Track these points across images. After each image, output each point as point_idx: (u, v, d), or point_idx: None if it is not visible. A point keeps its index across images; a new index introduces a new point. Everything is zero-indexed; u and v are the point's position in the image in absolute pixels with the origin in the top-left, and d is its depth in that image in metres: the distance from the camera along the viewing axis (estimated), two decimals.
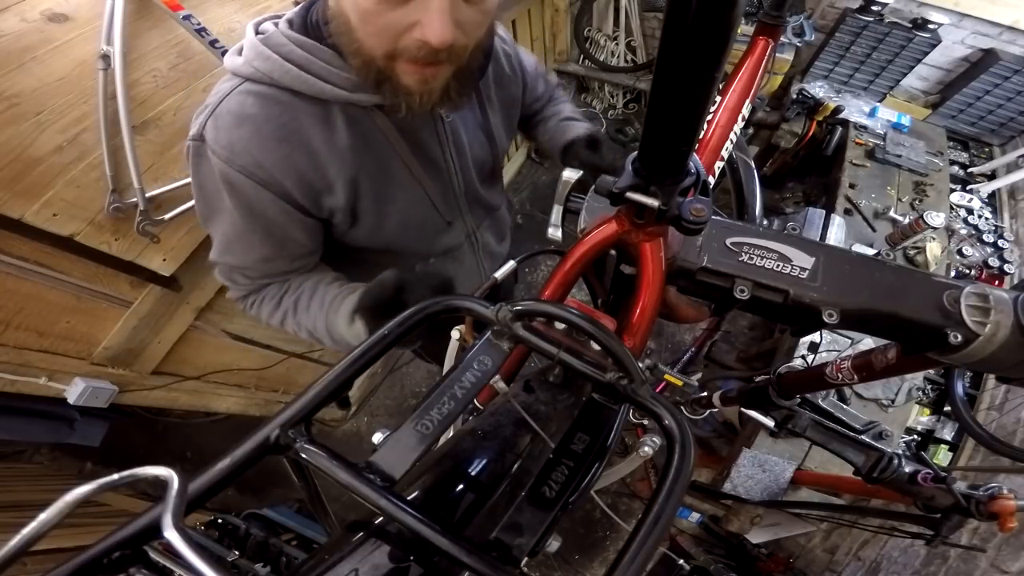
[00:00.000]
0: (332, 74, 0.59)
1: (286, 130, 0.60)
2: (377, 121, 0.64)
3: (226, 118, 0.58)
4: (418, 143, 0.70)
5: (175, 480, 0.23)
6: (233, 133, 0.58)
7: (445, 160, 0.74)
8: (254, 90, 0.59)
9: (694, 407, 1.30)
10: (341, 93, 0.60)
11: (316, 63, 0.58)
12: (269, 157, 0.60)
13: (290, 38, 0.58)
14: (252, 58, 0.58)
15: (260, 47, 0.58)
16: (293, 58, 0.58)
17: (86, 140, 0.94)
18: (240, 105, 0.58)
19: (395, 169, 0.70)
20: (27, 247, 0.93)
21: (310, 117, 0.61)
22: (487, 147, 0.81)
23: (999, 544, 1.13)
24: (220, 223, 0.66)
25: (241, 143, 0.58)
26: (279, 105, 0.59)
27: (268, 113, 0.59)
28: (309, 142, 0.61)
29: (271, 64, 0.58)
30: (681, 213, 0.35)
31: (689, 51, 0.24)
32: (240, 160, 0.59)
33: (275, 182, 0.61)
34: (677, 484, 0.29)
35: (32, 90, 0.85)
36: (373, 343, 0.35)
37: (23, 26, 0.82)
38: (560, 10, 2.53)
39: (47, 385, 1.10)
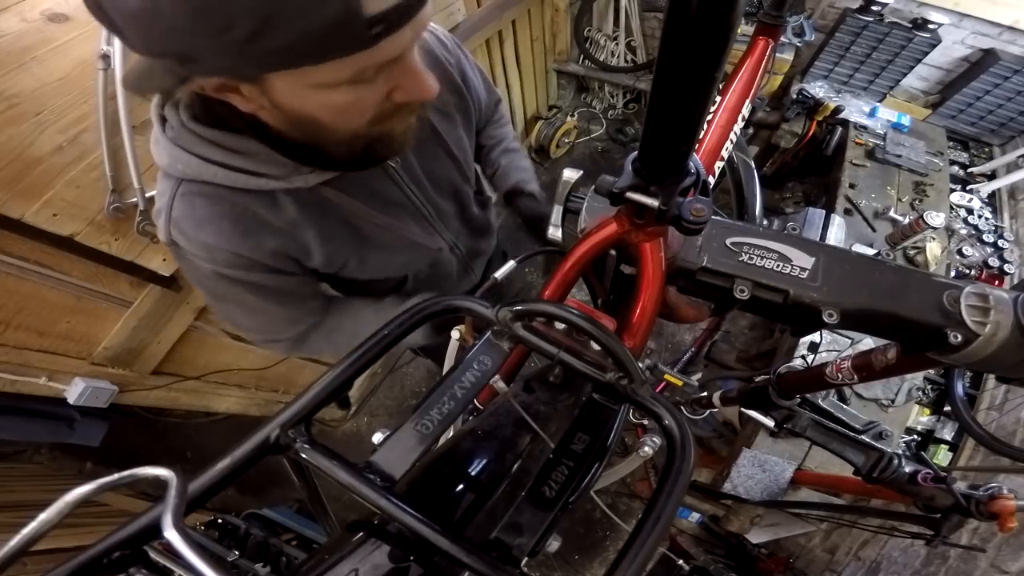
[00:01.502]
0: (259, 167, 0.55)
1: (245, 222, 0.58)
2: (325, 195, 0.62)
3: (185, 224, 0.56)
4: (374, 197, 0.68)
5: (175, 480, 0.23)
6: (199, 236, 0.57)
7: (408, 199, 0.72)
8: (194, 190, 0.56)
9: (694, 407, 1.30)
10: (276, 184, 0.56)
11: (237, 159, 0.54)
12: (243, 247, 0.59)
13: (200, 136, 0.53)
14: (173, 160, 0.54)
15: (173, 148, 0.54)
16: (211, 158, 0.54)
17: (86, 140, 0.94)
18: (190, 208, 0.56)
19: (361, 227, 0.69)
20: (27, 247, 0.93)
21: (259, 205, 0.58)
22: (449, 163, 0.78)
23: (999, 544, 1.13)
24: (236, 306, 0.68)
25: (212, 242, 0.57)
26: (225, 201, 0.56)
27: (220, 211, 0.56)
28: (270, 225, 0.60)
29: (193, 168, 0.54)
30: (681, 213, 0.35)
31: (689, 51, 0.24)
32: (220, 256, 0.59)
33: (259, 263, 0.62)
34: (677, 484, 0.29)
35: (32, 90, 0.85)
36: (373, 343, 0.35)
37: (23, 26, 0.83)
38: (560, 10, 2.53)
39: (47, 385, 1.10)
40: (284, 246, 0.62)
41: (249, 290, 0.64)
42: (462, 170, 0.81)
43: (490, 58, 2.20)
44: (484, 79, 0.87)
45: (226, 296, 0.66)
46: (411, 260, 0.81)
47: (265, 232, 0.60)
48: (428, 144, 0.74)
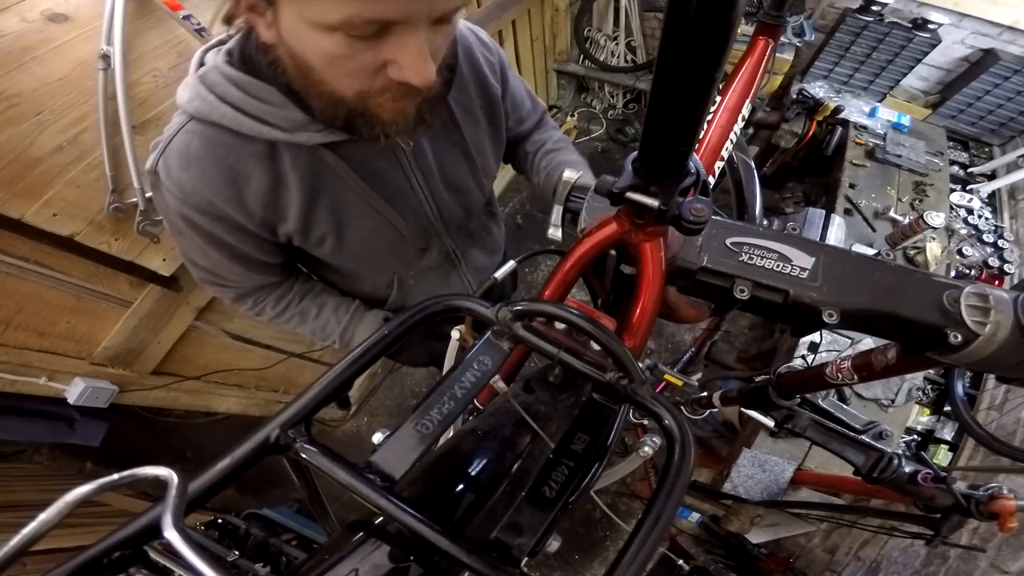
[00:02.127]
0: (270, 115, 0.57)
1: (232, 172, 0.59)
2: (324, 158, 0.62)
3: (175, 158, 0.58)
4: (375, 173, 0.67)
5: (175, 480, 0.23)
6: (182, 174, 0.58)
7: (412, 187, 0.71)
8: (198, 130, 0.58)
9: (694, 407, 1.30)
10: (280, 135, 0.58)
11: (252, 104, 0.56)
12: (219, 196, 0.60)
13: (226, 76, 0.56)
14: (192, 97, 0.57)
15: (198, 86, 0.57)
16: (229, 99, 0.56)
17: (86, 140, 0.94)
18: (186, 145, 0.58)
19: (350, 202, 0.68)
20: (27, 247, 0.93)
21: (254, 157, 0.59)
22: (463, 166, 0.76)
23: (999, 544, 1.13)
24: (188, 244, 0.68)
25: (190, 184, 0.58)
26: (223, 147, 0.58)
27: (213, 155, 0.58)
28: (256, 181, 0.61)
29: (208, 105, 0.56)
30: (681, 213, 0.35)
31: (689, 51, 0.24)
32: (192, 199, 0.60)
33: (228, 216, 0.62)
34: (677, 484, 0.29)
35: (32, 90, 0.85)
36: (373, 343, 0.35)
37: (23, 26, 0.83)
38: (560, 10, 2.54)
39: (47, 385, 1.10)
40: (260, 207, 0.62)
41: (206, 240, 0.65)
42: (477, 175, 0.78)
43: None
44: (528, 91, 0.87)
45: (183, 232, 0.66)
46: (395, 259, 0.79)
47: (247, 188, 0.61)
48: (446, 138, 0.72)
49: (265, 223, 0.65)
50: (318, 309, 0.83)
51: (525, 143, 0.93)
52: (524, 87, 0.86)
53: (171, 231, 0.68)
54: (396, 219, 0.71)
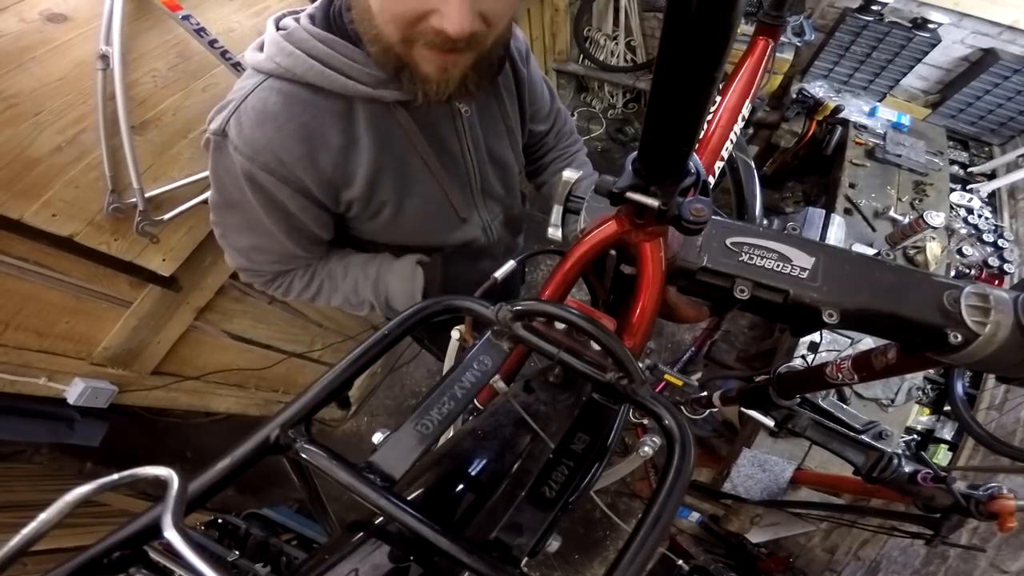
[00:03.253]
0: (354, 70, 0.59)
1: (307, 129, 0.60)
2: (398, 117, 0.64)
3: (250, 115, 0.58)
4: (437, 138, 0.69)
5: (175, 480, 0.23)
6: (256, 131, 0.59)
7: (463, 154, 0.73)
8: (277, 87, 0.59)
9: (694, 407, 1.30)
10: (363, 89, 0.59)
11: (338, 58, 0.58)
12: (290, 155, 0.60)
13: (312, 34, 0.58)
14: (274, 54, 0.58)
15: (282, 43, 0.58)
16: (315, 53, 0.58)
17: (85, 140, 0.94)
18: (263, 102, 0.58)
19: (414, 165, 0.70)
20: (26, 247, 0.93)
21: (331, 115, 0.61)
22: (506, 141, 0.79)
23: (999, 544, 1.13)
24: (237, 214, 0.68)
25: (263, 141, 0.59)
26: (301, 103, 0.59)
27: (291, 111, 0.59)
28: (330, 140, 0.62)
29: (293, 60, 0.57)
30: (681, 213, 0.35)
31: (689, 51, 0.23)
32: (262, 157, 0.60)
33: (295, 178, 0.62)
34: (677, 484, 0.29)
35: (31, 90, 0.85)
36: (373, 343, 0.35)
37: (22, 26, 0.82)
38: (560, 10, 2.53)
39: (47, 385, 1.10)
40: (331, 169, 0.63)
41: (264, 204, 0.64)
42: (516, 151, 0.81)
43: None
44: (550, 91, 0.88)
45: (239, 204, 0.65)
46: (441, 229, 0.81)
47: (322, 147, 0.62)
48: (492, 111, 0.75)
49: (331, 187, 0.65)
50: (344, 269, 0.81)
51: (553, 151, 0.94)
52: (547, 86, 0.86)
53: (220, 205, 0.68)
54: (448, 185, 0.73)
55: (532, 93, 0.82)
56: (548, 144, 0.94)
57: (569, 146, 0.96)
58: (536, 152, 0.95)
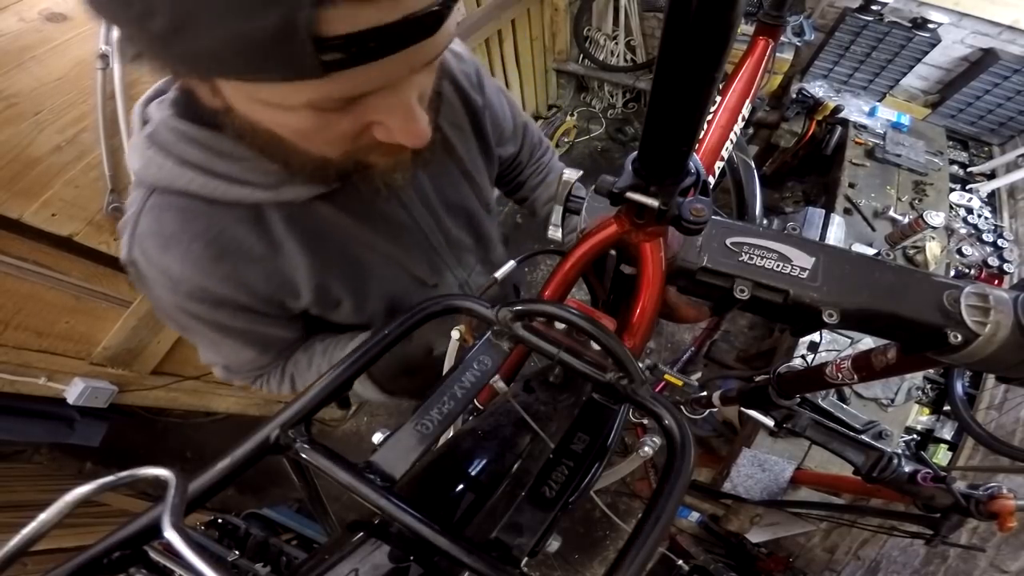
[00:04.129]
0: (244, 172, 0.47)
1: (218, 245, 0.49)
2: (320, 212, 0.53)
3: (149, 242, 0.49)
4: (377, 217, 0.59)
5: (175, 480, 0.23)
6: (164, 259, 0.49)
7: (415, 221, 0.63)
8: (164, 202, 0.48)
9: (694, 407, 1.30)
10: (263, 195, 0.48)
11: (219, 163, 0.46)
12: (211, 278, 0.51)
13: (180, 133, 0.46)
14: (146, 164, 0.47)
15: (148, 150, 0.46)
16: (190, 159, 0.46)
17: (85, 140, 0.94)
18: (158, 223, 0.48)
19: (360, 254, 0.60)
20: (26, 247, 0.93)
21: (240, 224, 0.50)
22: (465, 187, 0.69)
23: (998, 544, 1.13)
24: (195, 337, 0.61)
25: (176, 269, 0.50)
26: (200, 218, 0.48)
27: (192, 230, 0.48)
28: (250, 251, 0.51)
29: (167, 172, 0.46)
30: (681, 213, 0.35)
31: (689, 51, 0.23)
32: (184, 287, 0.51)
33: (229, 299, 0.53)
34: (677, 484, 0.28)
35: (30, 90, 0.85)
36: (373, 343, 0.35)
37: (21, 26, 0.82)
38: (559, 9, 2.53)
39: (46, 385, 1.10)
40: (263, 282, 0.54)
41: (215, 330, 0.57)
42: (480, 194, 0.71)
43: (489, 57, 2.20)
44: (514, 111, 0.77)
45: (186, 325, 0.58)
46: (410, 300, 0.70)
47: (244, 259, 0.51)
48: (441, 161, 0.64)
49: (273, 300, 0.56)
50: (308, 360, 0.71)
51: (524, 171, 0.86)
52: (509, 105, 0.76)
53: (178, 328, 0.60)
54: (405, 259, 0.64)
55: (493, 118, 0.71)
56: (522, 162, 0.85)
57: (541, 157, 0.88)
58: (511, 174, 0.86)
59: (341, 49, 0.30)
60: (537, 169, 0.88)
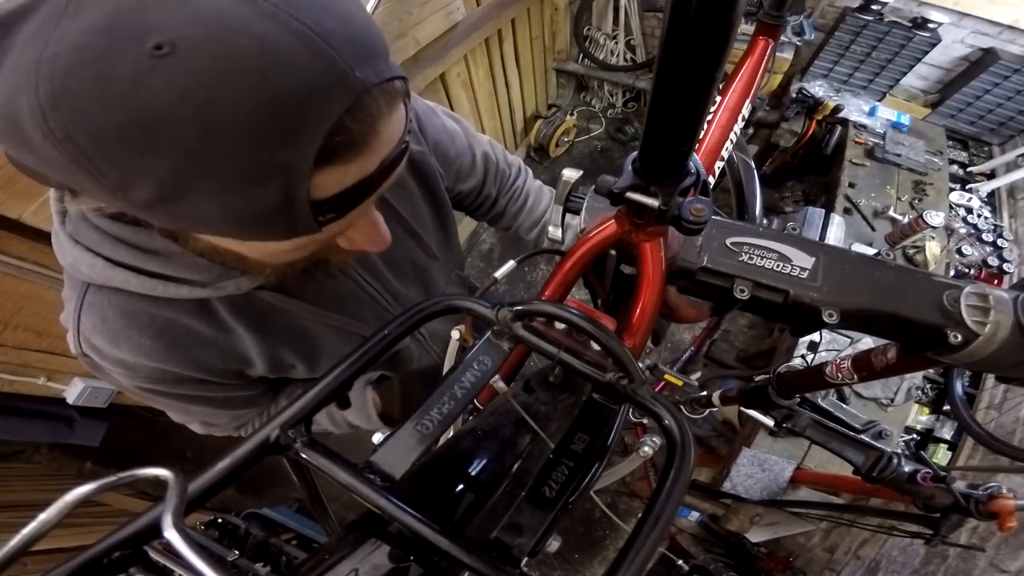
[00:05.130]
0: (180, 270, 0.44)
1: (168, 336, 0.48)
2: (263, 298, 0.53)
3: (97, 338, 0.47)
4: (323, 295, 0.59)
5: (175, 480, 0.23)
6: (115, 353, 0.48)
7: (363, 290, 0.63)
8: (104, 299, 0.46)
9: (694, 406, 1.30)
10: (201, 292, 0.46)
11: (152, 261, 0.43)
12: (168, 363, 0.50)
13: (104, 231, 0.42)
14: (74, 261, 0.43)
15: (73, 247, 0.43)
16: (121, 261, 0.43)
17: None
18: (101, 320, 0.46)
19: (309, 328, 0.60)
20: (25, 247, 0.93)
21: (187, 314, 0.49)
22: (410, 242, 0.67)
23: (998, 543, 1.13)
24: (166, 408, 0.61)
25: (130, 360, 0.49)
26: (143, 314, 0.47)
27: (137, 324, 0.47)
28: (200, 336, 0.51)
29: (98, 270, 0.43)
30: (681, 213, 0.35)
31: (689, 51, 0.23)
32: (142, 373, 0.51)
33: (188, 377, 0.53)
34: (677, 484, 0.28)
35: None
36: (373, 343, 0.35)
37: None
38: (559, 9, 2.53)
39: (46, 385, 1.10)
40: (219, 357, 0.54)
41: (180, 400, 0.58)
42: (425, 247, 0.69)
43: (489, 57, 2.20)
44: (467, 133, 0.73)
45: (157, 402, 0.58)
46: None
47: (196, 343, 0.51)
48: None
49: (230, 372, 0.57)
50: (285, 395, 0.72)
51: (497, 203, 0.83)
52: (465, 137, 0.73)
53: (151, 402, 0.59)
54: (356, 326, 0.64)
55: (443, 158, 0.69)
56: (491, 193, 0.81)
57: (515, 182, 0.84)
58: (482, 207, 0.83)
59: (335, 207, 0.33)
60: (513, 197, 0.84)
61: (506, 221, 0.86)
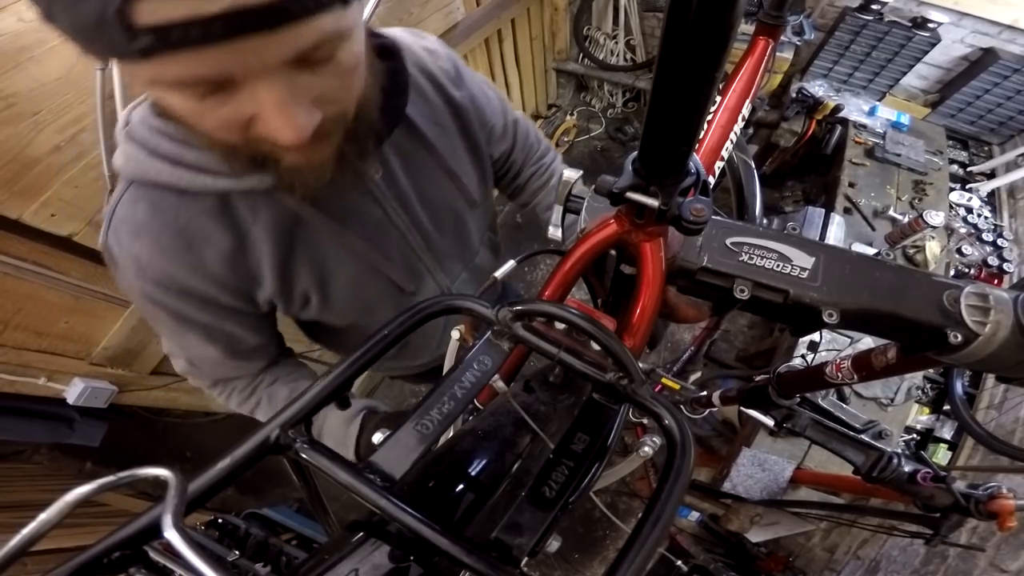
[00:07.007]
0: (211, 162, 0.49)
1: (187, 235, 0.52)
2: (286, 203, 0.54)
3: (123, 230, 0.52)
4: (349, 212, 0.59)
5: (175, 480, 0.23)
6: (134, 246, 0.52)
7: (391, 221, 0.62)
8: (139, 194, 0.51)
9: (693, 406, 1.30)
10: (225, 183, 0.50)
11: (188, 154, 0.49)
12: (179, 267, 0.53)
13: (153, 128, 0.50)
14: (126, 158, 0.51)
15: (126, 144, 0.51)
16: (161, 151, 0.49)
17: (84, 140, 0.94)
18: (132, 214, 0.52)
19: (327, 249, 0.60)
20: (25, 247, 0.93)
21: (207, 214, 0.52)
22: (449, 185, 0.67)
23: (998, 543, 1.13)
24: (159, 326, 0.61)
25: (145, 256, 0.52)
26: (169, 209, 0.51)
27: (162, 220, 0.51)
28: (216, 243, 0.53)
29: (141, 164, 0.50)
30: (681, 213, 0.35)
31: (689, 51, 0.23)
32: (150, 273, 0.53)
33: (194, 290, 0.55)
34: (677, 484, 0.28)
35: (29, 90, 0.85)
36: (373, 343, 0.35)
37: (20, 26, 0.82)
38: (559, 9, 2.53)
39: (46, 385, 1.10)
40: (228, 273, 0.55)
41: (177, 319, 0.58)
42: (465, 192, 0.68)
43: (489, 57, 2.20)
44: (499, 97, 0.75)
45: (151, 313, 0.59)
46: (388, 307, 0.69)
47: (210, 249, 0.53)
48: (419, 157, 0.63)
49: (239, 292, 0.58)
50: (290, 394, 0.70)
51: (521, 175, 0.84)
52: (498, 100, 0.74)
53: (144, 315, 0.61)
54: (379, 260, 0.63)
55: (478, 113, 0.70)
56: (517, 162, 0.83)
57: (542, 158, 0.86)
58: (507, 174, 0.84)
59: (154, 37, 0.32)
60: (538, 171, 0.86)
61: (526, 196, 0.87)
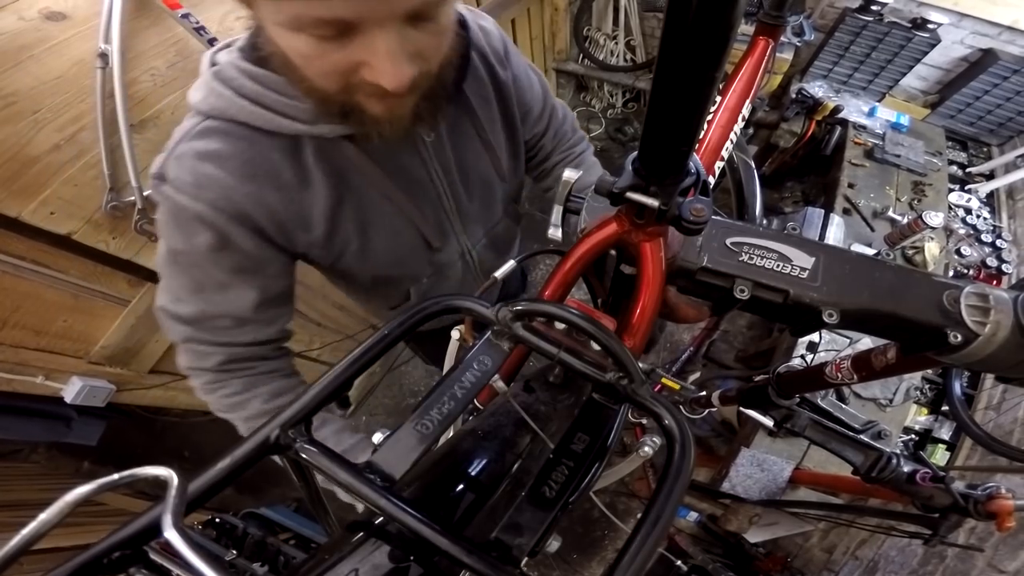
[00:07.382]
0: (288, 107, 0.54)
1: (253, 166, 0.56)
2: (346, 152, 0.59)
3: (189, 155, 0.54)
4: (397, 168, 0.64)
5: (175, 480, 0.23)
6: (197, 169, 0.54)
7: (432, 181, 0.68)
8: (214, 127, 0.55)
9: (693, 406, 1.30)
10: (300, 127, 0.55)
11: (269, 96, 0.54)
12: (237, 192, 0.56)
13: (241, 70, 0.54)
14: (207, 94, 0.54)
15: (212, 82, 0.54)
16: (245, 92, 0.54)
17: (84, 139, 0.94)
18: (204, 142, 0.55)
19: (374, 200, 0.65)
20: (24, 245, 0.93)
21: (277, 152, 0.57)
22: (484, 158, 0.72)
23: (996, 543, 1.13)
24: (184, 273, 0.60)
25: (205, 178, 0.54)
26: (243, 141, 0.55)
27: (232, 149, 0.55)
28: (279, 177, 0.57)
29: (225, 101, 0.54)
30: (681, 213, 0.35)
31: (689, 51, 0.23)
32: (207, 194, 0.55)
33: (246, 216, 0.57)
34: (677, 484, 0.28)
35: (29, 89, 0.84)
36: (373, 343, 0.35)
37: (20, 24, 0.82)
38: (559, 9, 2.53)
39: (44, 384, 1.10)
40: (283, 209, 0.59)
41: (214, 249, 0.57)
42: (498, 165, 0.74)
43: None
44: (542, 82, 0.80)
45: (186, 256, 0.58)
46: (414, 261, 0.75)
47: (271, 183, 0.57)
48: (463, 127, 0.68)
49: (285, 228, 0.61)
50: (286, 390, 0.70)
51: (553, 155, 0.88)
52: (540, 84, 0.79)
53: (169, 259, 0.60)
54: (417, 215, 0.69)
55: (519, 94, 0.75)
56: (547, 146, 0.87)
57: (573, 147, 0.90)
58: (536, 156, 0.89)
59: None
60: (566, 159, 0.89)
61: (550, 181, 0.91)
